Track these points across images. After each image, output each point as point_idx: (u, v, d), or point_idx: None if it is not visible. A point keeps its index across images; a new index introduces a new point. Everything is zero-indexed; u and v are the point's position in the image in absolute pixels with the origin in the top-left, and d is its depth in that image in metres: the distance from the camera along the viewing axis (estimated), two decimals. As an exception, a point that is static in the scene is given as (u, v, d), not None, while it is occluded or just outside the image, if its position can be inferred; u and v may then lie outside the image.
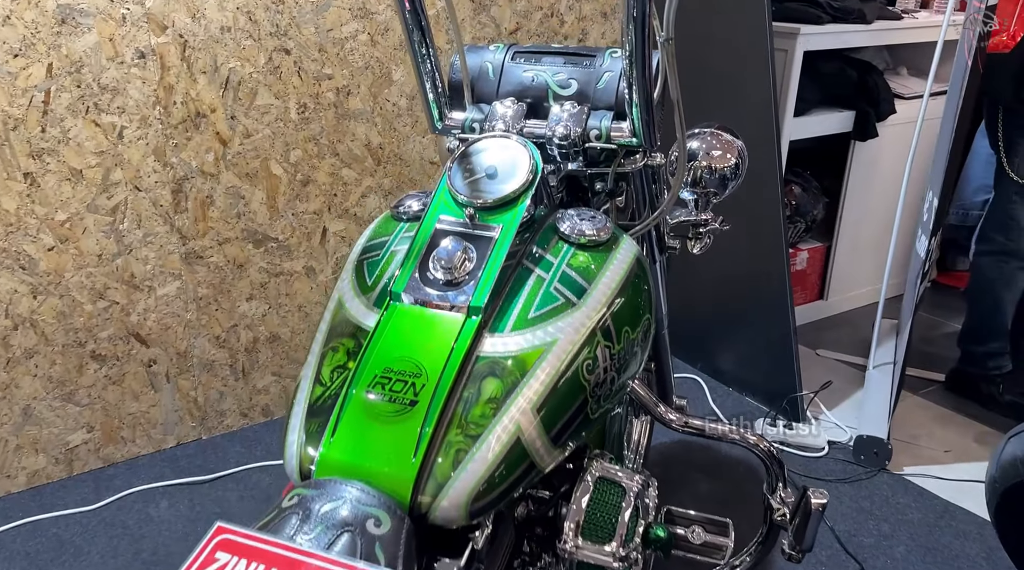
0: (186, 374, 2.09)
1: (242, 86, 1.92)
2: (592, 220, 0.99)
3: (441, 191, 1.01)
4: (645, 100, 1.03)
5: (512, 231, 0.94)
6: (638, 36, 0.97)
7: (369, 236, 1.07)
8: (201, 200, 1.96)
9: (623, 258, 0.98)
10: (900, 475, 2.08)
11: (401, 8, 1.09)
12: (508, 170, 1.00)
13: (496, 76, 1.16)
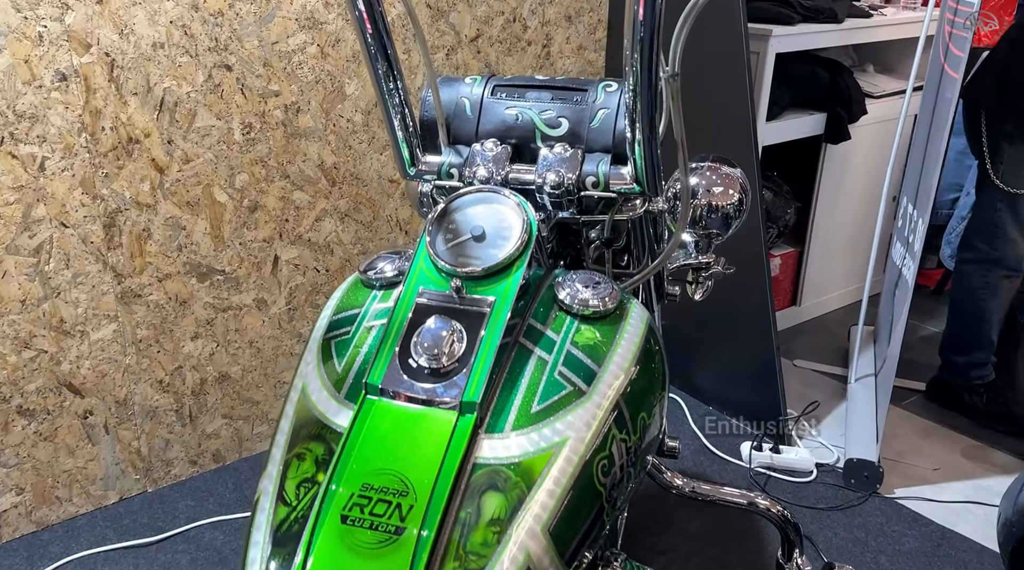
0: (127, 423, 1.90)
1: (179, 107, 1.74)
2: (595, 286, 0.85)
3: (420, 257, 0.86)
4: (650, 143, 0.90)
5: (507, 306, 0.80)
6: (644, 71, 0.84)
7: (336, 307, 0.91)
8: (137, 234, 1.77)
9: (634, 330, 0.85)
10: (892, 499, 2.00)
11: (361, 32, 0.94)
12: (498, 230, 0.86)
13: (475, 113, 1.02)
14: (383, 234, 2.15)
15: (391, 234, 2.17)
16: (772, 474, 2.09)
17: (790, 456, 2.12)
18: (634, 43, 0.82)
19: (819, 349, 2.78)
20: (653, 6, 0.80)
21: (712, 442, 2.22)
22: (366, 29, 0.93)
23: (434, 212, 0.88)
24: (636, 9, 0.80)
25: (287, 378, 2.12)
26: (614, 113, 0.97)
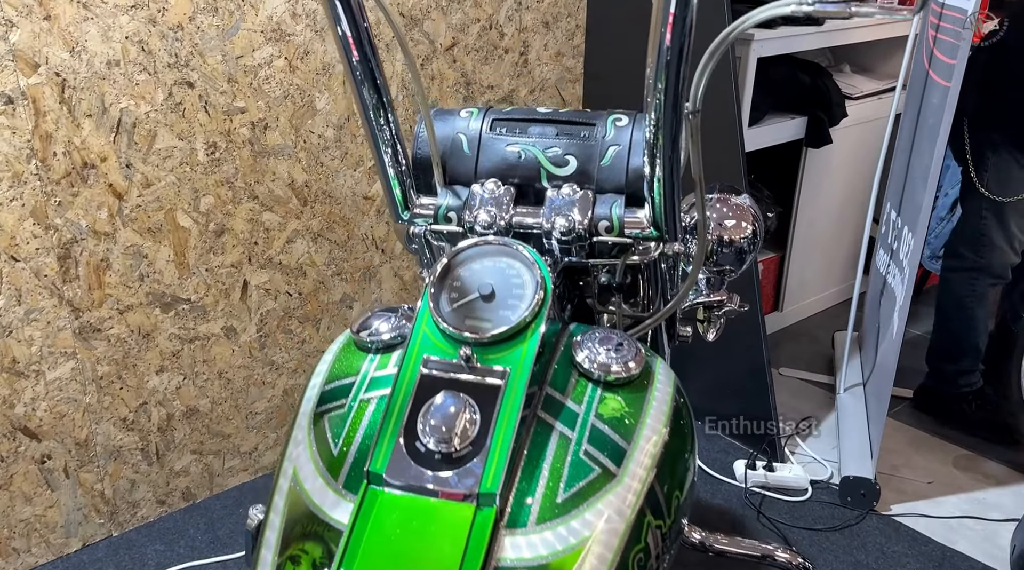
0: (89, 466, 1.77)
1: (138, 128, 1.62)
2: (617, 349, 0.77)
3: (423, 320, 0.77)
4: (672, 184, 0.81)
5: (524, 378, 0.71)
6: (669, 104, 0.75)
7: (328, 374, 0.82)
8: (95, 265, 1.65)
9: (662, 396, 0.76)
10: (889, 516, 1.96)
11: (347, 58, 0.84)
12: (508, 288, 0.77)
13: (473, 151, 0.92)
14: (358, 253, 2.05)
15: (367, 253, 2.06)
16: (767, 493, 2.03)
17: (784, 474, 2.06)
18: (658, 71, 0.74)
19: (803, 356, 2.74)
20: (683, 29, 0.71)
21: (704, 460, 2.16)
22: (352, 54, 0.84)
23: (436, 267, 0.79)
24: (663, 32, 0.71)
25: (259, 409, 2.01)
26: (626, 150, 0.89)
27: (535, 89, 2.26)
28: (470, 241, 0.81)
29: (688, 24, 0.71)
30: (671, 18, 0.72)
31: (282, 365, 2.01)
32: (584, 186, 0.89)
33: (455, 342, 0.74)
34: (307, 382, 0.84)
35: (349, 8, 0.82)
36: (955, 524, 1.95)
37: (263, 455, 2.06)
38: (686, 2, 0.70)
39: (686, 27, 0.71)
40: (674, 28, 0.71)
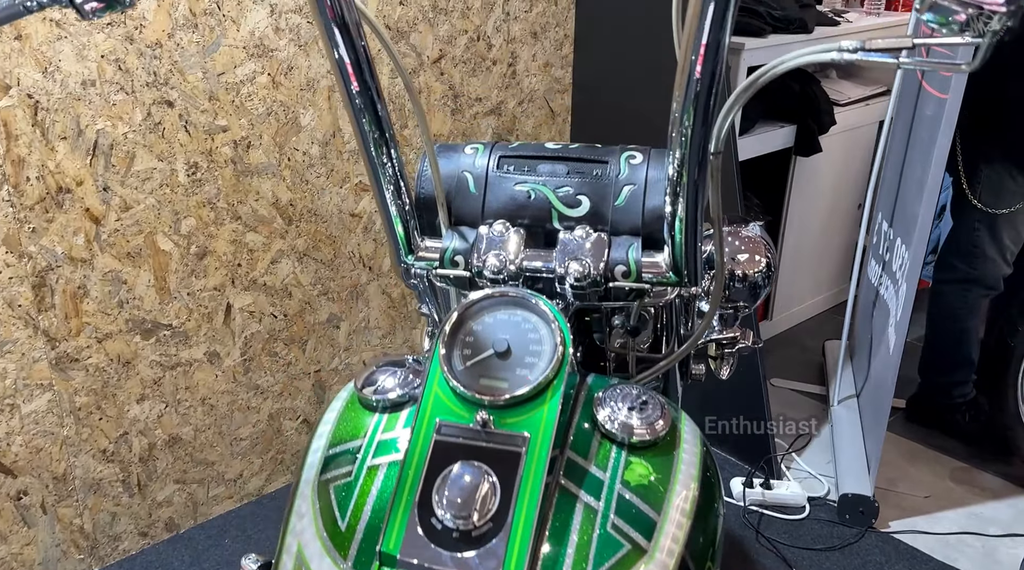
0: (67, 500, 1.70)
1: (115, 150, 1.55)
2: (642, 408, 0.72)
3: (435, 380, 0.72)
4: (695, 227, 0.77)
5: (546, 445, 0.67)
6: (696, 146, 0.71)
7: (332, 437, 0.76)
8: (71, 292, 1.58)
9: (690, 458, 0.72)
10: (888, 534, 1.94)
11: (346, 89, 0.77)
12: (524, 344, 0.72)
13: (480, 190, 0.87)
14: (345, 272, 1.99)
15: (354, 271, 2.01)
16: (765, 511, 2.00)
17: (782, 491, 2.04)
18: (686, 105, 0.68)
19: (794, 365, 2.72)
20: (715, 59, 0.65)
21: (699, 477, 2.13)
22: (351, 83, 0.77)
23: (446, 320, 0.74)
24: (693, 62, 0.65)
25: (244, 434, 1.94)
26: (642, 189, 0.84)
27: (523, 100, 2.21)
28: (483, 293, 0.76)
29: (721, 55, 0.65)
30: (703, 48, 0.66)
31: (267, 389, 1.95)
32: (598, 228, 0.84)
33: (470, 405, 0.69)
34: (308, 443, 0.78)
35: (347, 33, 0.75)
36: (954, 541, 1.93)
37: (248, 482, 2.00)
38: (720, 30, 0.64)
39: (719, 58, 0.65)
40: (706, 59, 0.65)
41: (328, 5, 0.72)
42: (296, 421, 2.03)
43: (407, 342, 2.20)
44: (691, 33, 0.64)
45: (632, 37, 2.19)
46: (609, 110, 2.33)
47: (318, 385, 2.04)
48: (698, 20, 0.63)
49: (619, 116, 2.30)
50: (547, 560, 0.63)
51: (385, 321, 2.12)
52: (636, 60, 2.20)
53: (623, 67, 2.24)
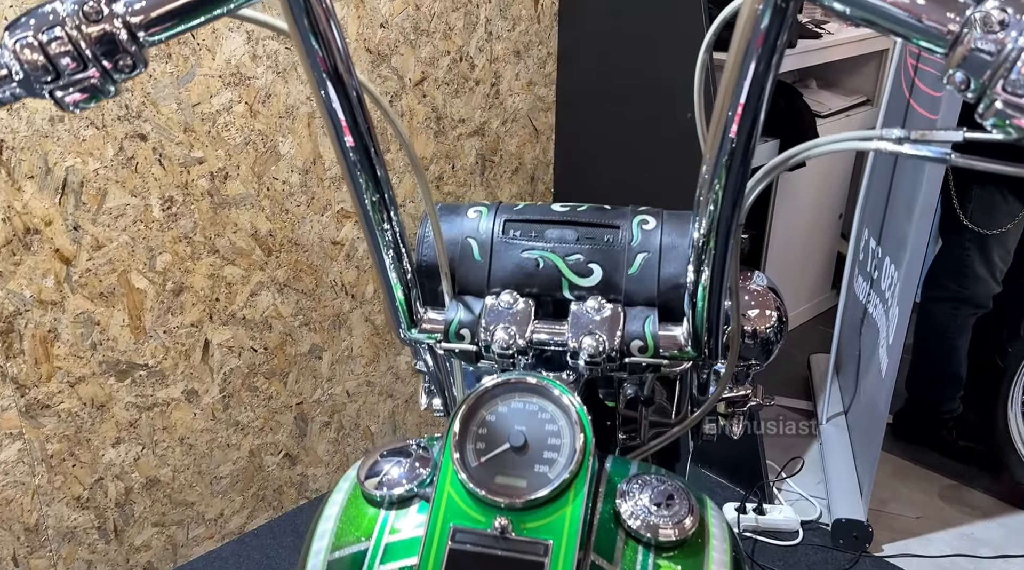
0: (40, 551, 1.63)
1: (86, 187, 1.47)
2: (668, 504, 0.68)
3: (447, 480, 0.67)
4: (718, 299, 0.73)
5: (571, 552, 0.62)
6: (726, 211, 0.65)
7: (334, 536, 0.71)
8: (41, 336, 1.50)
9: (720, 556, 0.68)
10: (882, 558, 1.93)
11: (340, 146, 0.70)
12: (542, 437, 0.68)
13: (485, 258, 0.82)
14: (327, 301, 1.93)
15: (336, 300, 1.95)
16: (758, 538, 1.98)
17: (775, 516, 2.02)
18: (718, 168, 0.63)
19: (780, 379, 2.71)
20: (755, 113, 0.57)
21: (690, 502, 2.10)
22: (346, 142, 0.70)
23: (456, 412, 0.69)
24: (730, 117, 0.58)
25: (224, 472, 1.88)
26: (656, 257, 0.80)
27: (507, 120, 2.16)
28: (496, 379, 0.71)
29: (762, 109, 0.59)
30: (741, 105, 0.59)
31: (248, 425, 1.88)
32: (611, 298, 0.79)
33: (487, 507, 0.64)
34: (308, 544, 0.73)
35: (342, 87, 0.68)
36: (947, 564, 1.92)
37: (229, 520, 1.93)
38: (764, 83, 0.58)
39: (759, 114, 0.59)
40: (743, 116, 0.59)
41: (321, 58, 0.65)
42: (278, 456, 1.97)
43: (391, 369, 2.14)
44: (729, 88, 0.58)
45: (615, 53, 2.15)
46: (593, 128, 2.29)
47: (300, 418, 1.98)
48: (739, 73, 0.57)
49: (602, 134, 2.26)
50: None
51: (369, 349, 2.06)
52: (619, 76, 2.16)
53: (606, 84, 2.20)
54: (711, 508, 0.72)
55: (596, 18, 2.16)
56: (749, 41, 0.55)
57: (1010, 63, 0.45)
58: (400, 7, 1.81)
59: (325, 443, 2.06)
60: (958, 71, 0.47)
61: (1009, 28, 0.45)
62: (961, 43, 0.47)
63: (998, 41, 0.46)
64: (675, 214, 0.83)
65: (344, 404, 2.07)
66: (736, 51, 0.56)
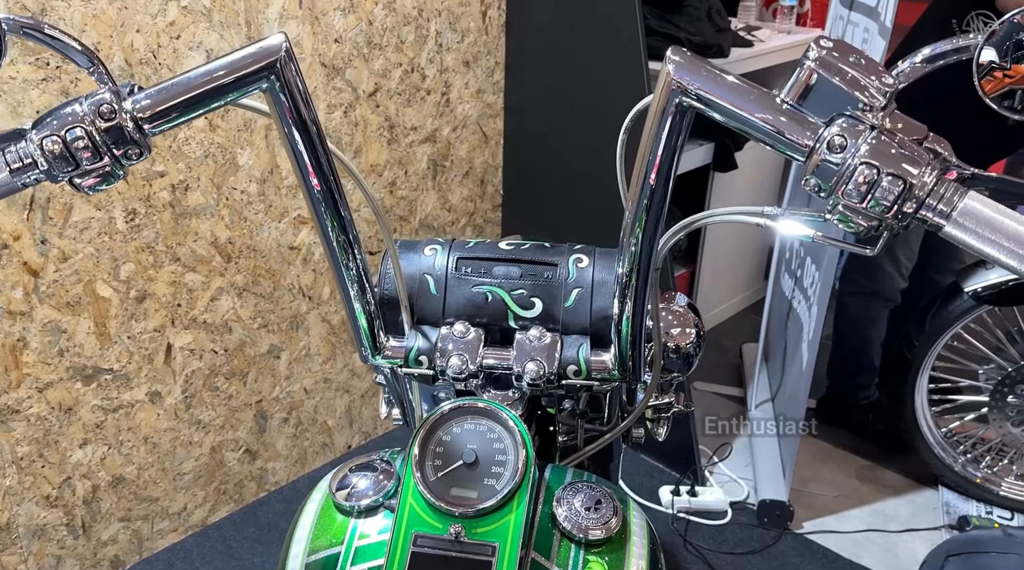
0: (11, 548, 1.70)
1: (52, 203, 1.53)
2: (596, 507, 0.81)
3: (409, 493, 0.78)
4: (639, 331, 0.85)
5: (515, 552, 0.74)
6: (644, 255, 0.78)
7: (310, 542, 0.82)
8: (11, 345, 1.56)
9: (639, 550, 0.81)
10: (802, 535, 2.11)
11: (307, 189, 0.80)
12: (491, 454, 0.80)
13: (440, 292, 0.93)
14: (285, 304, 2.02)
15: (294, 302, 2.03)
16: (691, 518, 2.14)
17: (706, 498, 2.18)
18: (638, 214, 0.75)
19: (715, 367, 2.87)
20: (668, 170, 0.70)
21: (631, 486, 2.25)
22: (312, 186, 0.80)
23: (417, 434, 0.81)
24: (646, 173, 0.70)
25: (187, 469, 1.96)
26: (588, 292, 0.92)
27: (457, 126, 2.26)
28: (450, 405, 0.82)
29: (674, 169, 0.70)
30: (657, 162, 0.71)
31: (209, 423, 1.96)
32: (550, 327, 0.91)
33: (443, 516, 0.76)
34: (286, 548, 0.84)
35: (308, 136, 0.78)
36: (861, 538, 2.12)
37: (192, 514, 2.02)
38: (675, 146, 0.69)
39: (672, 171, 0.71)
40: (659, 172, 0.70)
41: (290, 111, 0.74)
42: (238, 451, 2.06)
43: (347, 366, 2.24)
44: (647, 149, 0.70)
45: (559, 62, 2.26)
46: (539, 133, 2.40)
47: (260, 415, 2.07)
48: (653, 139, 0.69)
49: (548, 138, 2.37)
50: (517, 660, 0.71)
51: (326, 348, 2.16)
52: (563, 84, 2.27)
53: (551, 92, 2.32)
54: (633, 509, 0.85)
55: (541, 30, 2.26)
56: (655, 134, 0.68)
57: (847, 176, 0.58)
58: (353, 23, 1.89)
59: (284, 438, 2.16)
60: (812, 177, 0.60)
61: (847, 150, 0.58)
62: (814, 155, 0.60)
63: (840, 158, 0.59)
64: (605, 252, 0.95)
65: (302, 401, 2.16)
66: (645, 141, 0.69)
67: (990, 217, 0.57)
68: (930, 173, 0.58)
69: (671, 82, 0.65)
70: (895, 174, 0.57)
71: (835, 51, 0.62)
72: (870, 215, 0.59)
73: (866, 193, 0.58)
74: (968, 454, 2.24)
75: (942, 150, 0.62)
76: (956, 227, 0.57)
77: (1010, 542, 1.34)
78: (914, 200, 0.58)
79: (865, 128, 0.59)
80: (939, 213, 0.58)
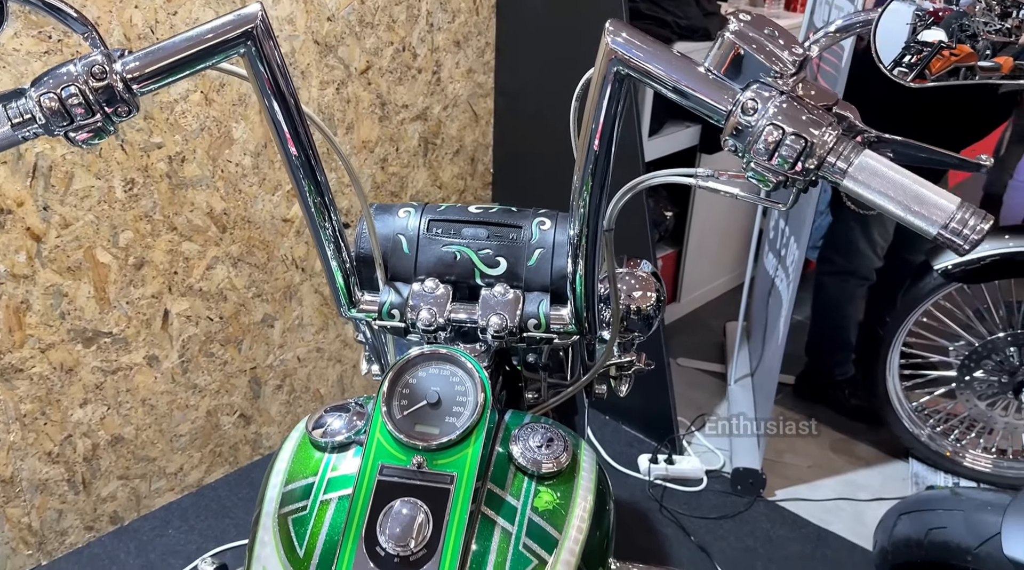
0: (15, 501, 1.78)
1: (54, 171, 1.61)
2: (549, 444, 0.88)
3: (377, 428, 0.86)
4: (591, 288, 0.93)
5: (470, 482, 0.82)
6: (592, 219, 0.86)
7: (287, 474, 0.90)
8: (14, 308, 1.64)
9: (587, 484, 0.89)
10: (774, 502, 2.19)
11: (286, 156, 0.88)
12: (452, 396, 0.87)
13: (412, 251, 1.01)
14: (278, 274, 2.09)
15: (287, 273, 2.11)
16: (668, 485, 2.23)
17: (683, 466, 2.26)
18: (584, 178, 0.82)
19: (698, 345, 2.95)
20: (610, 138, 0.78)
21: (612, 454, 2.34)
22: (289, 150, 0.88)
23: (386, 376, 0.88)
24: (591, 140, 0.78)
25: (183, 431, 2.04)
26: (550, 252, 0.99)
27: (448, 105, 2.32)
28: (417, 351, 0.90)
29: (615, 137, 0.78)
30: (599, 130, 0.79)
31: (205, 387, 2.05)
32: (514, 285, 0.99)
33: (407, 449, 0.84)
34: (266, 479, 0.92)
35: (285, 104, 0.85)
36: (831, 506, 2.20)
37: (188, 474, 2.11)
38: (615, 115, 0.77)
39: (613, 138, 0.78)
40: (602, 139, 0.78)
41: (267, 79, 0.81)
42: (233, 416, 2.14)
43: (339, 336, 2.32)
44: (590, 116, 0.78)
45: (548, 43, 2.32)
46: (528, 111, 2.46)
47: (254, 381, 2.15)
48: (595, 107, 0.77)
49: (538, 118, 2.44)
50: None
51: (318, 318, 2.24)
52: (552, 65, 2.33)
53: (541, 71, 2.38)
54: (584, 449, 0.93)
55: (531, 10, 2.32)
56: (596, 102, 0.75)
57: (756, 136, 0.65)
58: (346, 2, 1.96)
59: (277, 404, 2.24)
60: (730, 138, 0.68)
61: (758, 113, 0.65)
62: (731, 118, 0.67)
63: (752, 120, 0.66)
64: (567, 216, 1.02)
65: (295, 369, 2.24)
66: (589, 109, 0.76)
67: (883, 173, 0.64)
68: (831, 133, 0.65)
69: (609, 52, 0.72)
70: (798, 134, 0.65)
71: (752, 24, 0.69)
72: (777, 171, 0.66)
73: (773, 151, 0.65)
74: (937, 428, 2.32)
75: (849, 115, 0.69)
76: (853, 182, 0.65)
77: (956, 500, 1.42)
78: (815, 157, 0.65)
79: (774, 93, 0.66)
80: (837, 170, 0.65)
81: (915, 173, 0.64)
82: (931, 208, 0.62)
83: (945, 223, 0.62)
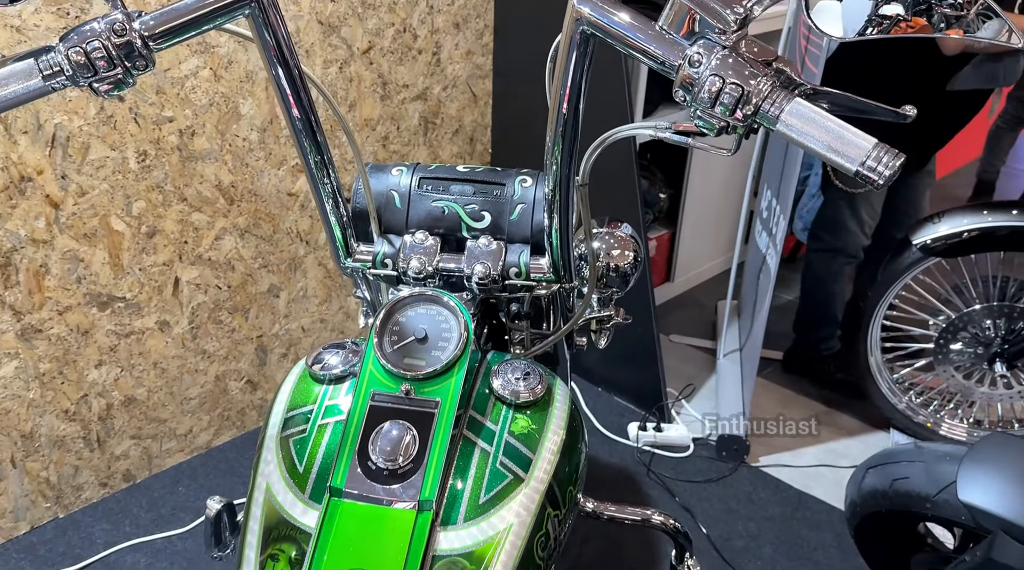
0: (34, 455, 1.89)
1: (71, 142, 1.70)
2: (526, 378, 0.98)
3: (370, 360, 0.95)
4: (567, 239, 1.02)
5: (452, 407, 0.91)
6: (564, 176, 0.95)
7: (288, 403, 1.00)
8: (34, 270, 1.74)
9: (560, 413, 0.98)
10: (758, 468, 2.29)
11: (289, 118, 0.98)
12: (438, 332, 0.96)
13: (404, 205, 1.10)
14: (284, 246, 2.19)
15: (292, 245, 2.20)
16: (656, 451, 2.32)
17: (670, 433, 2.36)
18: (555, 140, 0.92)
19: (691, 322, 3.04)
20: (578, 98, 0.87)
21: (603, 422, 2.43)
22: (292, 109, 0.97)
23: (378, 314, 0.98)
24: (561, 100, 0.87)
25: (193, 394, 2.15)
26: (530, 207, 1.08)
27: (448, 86, 2.41)
28: (406, 292, 0.99)
29: (583, 98, 0.87)
30: (567, 91, 0.88)
31: (213, 353, 2.14)
32: (497, 237, 1.08)
33: (397, 378, 0.93)
34: (270, 407, 1.01)
35: (288, 69, 0.94)
36: (812, 472, 2.29)
37: (197, 436, 2.21)
38: (582, 77, 0.86)
39: (581, 99, 0.88)
40: (570, 99, 0.88)
41: (271, 43, 0.91)
42: (240, 381, 2.24)
43: (343, 308, 2.41)
44: (559, 76, 0.87)
45: (546, 26, 2.40)
46: (526, 93, 2.55)
47: (260, 349, 2.25)
48: (564, 67, 0.86)
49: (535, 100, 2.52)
50: (452, 489, 0.89)
51: (322, 290, 2.33)
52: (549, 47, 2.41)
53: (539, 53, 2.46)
54: (559, 385, 1.02)
55: (527, -6, 2.40)
56: (564, 63, 0.84)
57: (700, 87, 0.74)
58: (348, -16, 2.04)
59: (283, 372, 2.34)
60: (679, 89, 0.76)
61: (703, 66, 0.74)
62: (680, 71, 0.76)
63: (697, 72, 0.74)
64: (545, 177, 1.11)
65: (300, 338, 2.34)
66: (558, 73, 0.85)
67: (811, 117, 0.73)
68: (766, 83, 0.73)
69: (575, 12, 0.81)
70: (736, 83, 0.73)
71: (699, -15, 0.77)
72: (719, 118, 0.75)
73: (715, 99, 0.74)
74: (917, 399, 2.40)
75: (787, 70, 0.77)
76: (785, 127, 0.73)
77: (918, 452, 1.51)
78: (751, 105, 0.74)
79: (717, 48, 0.75)
80: (771, 116, 0.73)
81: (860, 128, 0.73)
82: (851, 147, 0.71)
83: (863, 160, 0.70)
